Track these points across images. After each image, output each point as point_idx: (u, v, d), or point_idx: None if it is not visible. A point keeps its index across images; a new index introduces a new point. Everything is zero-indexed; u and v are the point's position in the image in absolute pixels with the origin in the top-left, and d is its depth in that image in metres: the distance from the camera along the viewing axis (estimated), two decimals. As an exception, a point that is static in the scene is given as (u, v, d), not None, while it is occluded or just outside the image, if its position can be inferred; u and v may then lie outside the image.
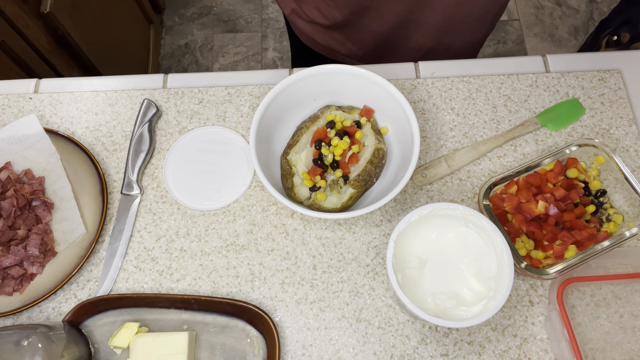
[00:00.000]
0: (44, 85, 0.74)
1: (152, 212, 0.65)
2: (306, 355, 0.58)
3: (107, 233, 0.64)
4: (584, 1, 1.92)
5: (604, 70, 0.72)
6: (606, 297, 0.59)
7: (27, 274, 0.61)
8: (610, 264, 0.58)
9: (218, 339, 0.58)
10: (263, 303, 0.60)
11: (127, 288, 0.62)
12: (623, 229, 0.60)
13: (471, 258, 0.53)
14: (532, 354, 0.57)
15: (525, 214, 0.59)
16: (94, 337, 0.58)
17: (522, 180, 0.61)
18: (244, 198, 0.66)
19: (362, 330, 0.59)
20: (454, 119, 0.69)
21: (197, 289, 0.61)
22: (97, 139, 0.70)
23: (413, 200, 0.65)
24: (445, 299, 0.52)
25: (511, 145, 0.68)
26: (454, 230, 0.54)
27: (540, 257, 0.58)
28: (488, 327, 0.58)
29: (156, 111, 0.69)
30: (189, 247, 0.63)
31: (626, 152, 0.67)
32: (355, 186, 0.61)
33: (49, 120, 0.71)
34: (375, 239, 0.63)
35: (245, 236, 0.64)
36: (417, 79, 0.72)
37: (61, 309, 0.61)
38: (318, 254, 0.62)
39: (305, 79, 0.62)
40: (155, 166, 0.68)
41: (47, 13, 1.11)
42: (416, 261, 0.53)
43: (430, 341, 0.58)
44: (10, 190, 0.63)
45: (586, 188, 0.62)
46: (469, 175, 0.66)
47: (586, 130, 0.68)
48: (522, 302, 0.59)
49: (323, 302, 0.60)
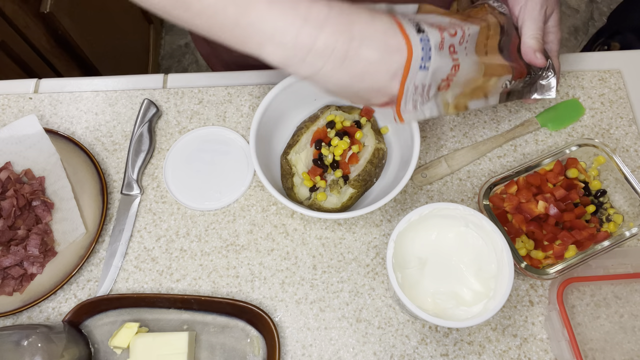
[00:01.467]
0: (44, 85, 0.74)
1: (152, 212, 0.65)
2: (306, 355, 0.58)
3: (107, 233, 0.64)
4: (584, 1, 1.92)
5: (604, 70, 0.72)
6: (606, 297, 0.59)
7: (27, 274, 0.61)
8: (610, 264, 0.58)
9: (218, 339, 0.58)
10: (263, 303, 0.60)
11: (127, 288, 0.62)
12: (623, 229, 0.60)
13: (471, 258, 0.53)
14: (532, 354, 0.57)
15: (525, 214, 0.59)
16: (94, 337, 0.58)
17: (522, 180, 0.61)
18: (244, 198, 0.66)
19: (362, 330, 0.59)
20: (454, 119, 0.69)
21: (197, 289, 0.61)
22: (97, 139, 0.70)
23: (413, 200, 0.65)
24: (445, 299, 0.52)
25: (511, 145, 0.68)
26: (454, 230, 0.54)
27: (540, 257, 0.58)
28: (488, 327, 0.58)
29: (156, 111, 0.69)
30: (189, 247, 0.63)
31: (626, 152, 0.67)
32: (355, 186, 0.61)
33: (49, 120, 0.71)
34: (375, 239, 0.63)
35: (245, 236, 0.64)
36: (417, 79, 0.72)
37: (61, 309, 0.61)
38: (318, 254, 0.62)
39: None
40: (155, 166, 0.68)
41: (47, 13, 1.11)
42: (416, 261, 0.53)
43: (430, 341, 0.58)
44: (10, 190, 0.63)
45: (586, 188, 0.62)
46: (469, 175, 0.66)
47: (586, 130, 0.68)
48: (522, 302, 0.59)
49: (323, 302, 0.60)
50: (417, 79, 0.47)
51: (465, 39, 0.51)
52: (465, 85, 0.52)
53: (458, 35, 0.49)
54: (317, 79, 0.44)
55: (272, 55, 0.43)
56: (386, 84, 0.44)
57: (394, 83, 0.44)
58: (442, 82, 0.50)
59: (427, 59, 0.46)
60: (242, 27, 0.42)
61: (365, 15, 0.43)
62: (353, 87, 0.44)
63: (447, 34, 0.48)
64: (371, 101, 0.47)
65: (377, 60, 0.43)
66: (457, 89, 0.52)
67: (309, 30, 0.41)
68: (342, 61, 0.42)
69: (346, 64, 0.42)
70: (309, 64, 0.42)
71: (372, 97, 0.46)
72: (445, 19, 0.50)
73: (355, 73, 0.43)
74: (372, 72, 0.43)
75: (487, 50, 0.54)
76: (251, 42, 0.43)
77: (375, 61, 0.43)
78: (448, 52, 0.49)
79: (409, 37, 0.44)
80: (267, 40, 0.42)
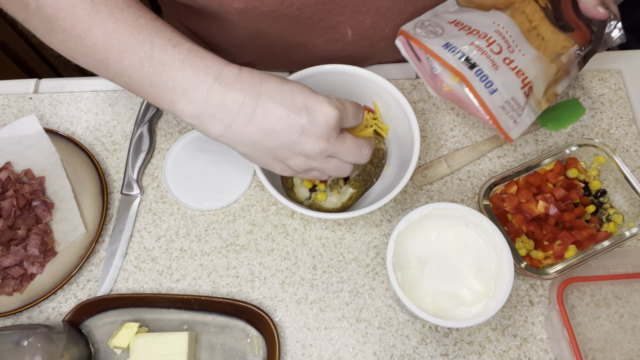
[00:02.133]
0: (44, 85, 0.74)
1: (152, 212, 0.65)
2: (306, 355, 0.58)
3: (107, 233, 0.64)
4: (584, 1, 1.92)
5: (604, 70, 0.72)
6: (606, 297, 0.59)
7: (27, 274, 0.61)
8: (610, 264, 0.58)
9: (218, 339, 0.58)
10: (263, 303, 0.60)
11: (127, 288, 0.62)
12: (623, 229, 0.60)
13: (471, 258, 0.53)
14: (532, 354, 0.57)
15: (525, 214, 0.59)
16: (94, 337, 0.58)
17: (522, 180, 0.61)
18: (244, 198, 0.66)
19: (362, 330, 0.59)
20: (454, 119, 0.69)
21: (197, 289, 0.61)
22: (97, 139, 0.70)
23: (413, 200, 0.65)
24: (445, 299, 0.52)
25: (511, 145, 0.68)
26: (454, 230, 0.54)
27: (540, 257, 0.58)
28: (488, 327, 0.58)
29: (156, 111, 0.69)
30: (189, 247, 0.63)
31: (626, 152, 0.67)
32: (355, 186, 0.61)
33: (49, 120, 0.71)
34: (375, 239, 0.63)
35: (245, 236, 0.64)
36: (417, 79, 0.72)
37: (61, 309, 0.61)
38: (318, 254, 0.62)
39: (305, 79, 0.62)
40: (155, 166, 0.68)
41: (47, 13, 1.11)
42: (416, 261, 0.53)
43: (430, 341, 0.58)
44: (10, 190, 0.63)
45: (586, 188, 0.62)
46: (469, 175, 0.66)
47: (586, 130, 0.68)
48: (522, 302, 0.59)
49: (323, 302, 0.60)
50: (496, 101, 0.51)
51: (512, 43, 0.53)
52: (545, 78, 0.54)
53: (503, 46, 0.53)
54: (229, 135, 0.46)
55: (183, 111, 0.45)
56: (296, 139, 0.45)
57: (302, 138, 0.45)
58: (522, 90, 0.52)
59: (490, 83, 0.51)
60: (156, 86, 0.45)
61: (274, 78, 0.46)
62: (265, 143, 0.46)
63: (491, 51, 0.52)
64: (288, 163, 0.48)
65: (285, 116, 0.44)
66: (540, 84, 0.54)
67: (219, 88, 0.44)
68: (251, 117, 0.44)
69: (255, 119, 0.44)
70: (219, 120, 0.44)
71: (287, 156, 0.47)
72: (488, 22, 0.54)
73: (265, 128, 0.45)
74: (281, 127, 0.44)
75: (539, 34, 0.55)
76: (165, 99, 0.45)
77: (283, 117, 0.44)
78: (504, 65, 0.52)
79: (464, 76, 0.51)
80: (179, 97, 0.44)
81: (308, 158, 0.47)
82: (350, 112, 0.48)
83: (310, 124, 0.45)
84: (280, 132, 0.45)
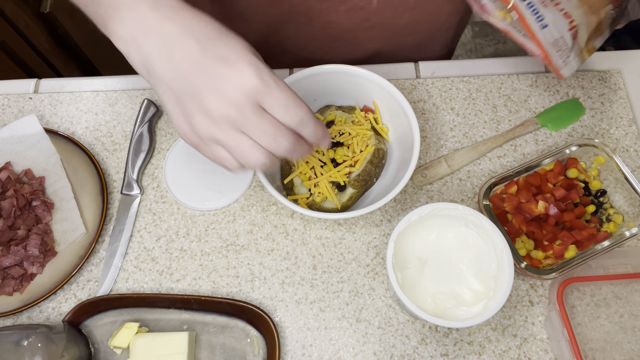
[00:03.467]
0: (44, 85, 0.74)
1: (152, 212, 0.65)
2: (306, 355, 0.58)
3: (107, 233, 0.64)
4: (584, 1, 1.92)
5: (604, 70, 0.72)
6: (606, 297, 0.59)
7: (27, 274, 0.61)
8: (610, 264, 0.58)
9: (218, 339, 0.58)
10: (263, 303, 0.60)
11: (127, 288, 0.62)
12: (623, 229, 0.60)
13: (471, 258, 0.53)
14: (532, 354, 0.57)
15: (525, 214, 0.59)
16: (94, 337, 0.58)
17: (522, 180, 0.61)
18: (244, 198, 0.66)
19: (362, 330, 0.59)
20: (454, 119, 0.69)
21: (197, 289, 0.61)
22: (97, 139, 0.70)
23: (413, 200, 0.65)
24: (445, 299, 0.52)
25: (511, 145, 0.68)
26: (454, 230, 0.54)
27: (540, 257, 0.58)
28: (488, 327, 0.58)
29: (156, 111, 0.69)
30: (189, 247, 0.63)
31: (626, 152, 0.67)
32: (355, 186, 0.61)
33: (49, 120, 0.71)
34: (375, 239, 0.63)
35: (245, 236, 0.64)
36: (417, 79, 0.72)
37: (61, 309, 0.61)
38: (318, 254, 0.62)
39: (304, 79, 0.62)
40: (155, 166, 0.68)
41: (47, 13, 1.11)
42: (416, 261, 0.53)
43: (430, 341, 0.58)
44: (10, 190, 0.63)
45: (586, 188, 0.62)
46: (469, 175, 0.66)
47: (586, 130, 0.68)
48: (522, 302, 0.59)
49: (323, 302, 0.60)
50: (547, 36, 0.53)
51: None
52: (587, 27, 0.56)
53: None
54: (148, 68, 0.44)
55: (114, 31, 0.45)
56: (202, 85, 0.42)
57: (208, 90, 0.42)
58: (569, 32, 0.54)
59: (542, 18, 0.52)
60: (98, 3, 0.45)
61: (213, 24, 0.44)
62: (172, 83, 0.43)
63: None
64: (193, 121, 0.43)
65: (196, 57, 0.42)
66: (583, 32, 0.56)
67: (154, 16, 0.43)
68: (171, 51, 0.43)
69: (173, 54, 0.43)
70: (146, 48, 0.43)
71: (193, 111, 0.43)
72: None
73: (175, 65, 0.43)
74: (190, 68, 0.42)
75: None
76: (99, 11, 0.46)
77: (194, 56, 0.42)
78: (552, 4, 0.53)
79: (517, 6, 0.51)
80: (112, 14, 0.45)
81: (212, 122, 0.42)
82: (280, 97, 0.42)
83: (221, 77, 0.41)
84: (188, 73, 0.42)
